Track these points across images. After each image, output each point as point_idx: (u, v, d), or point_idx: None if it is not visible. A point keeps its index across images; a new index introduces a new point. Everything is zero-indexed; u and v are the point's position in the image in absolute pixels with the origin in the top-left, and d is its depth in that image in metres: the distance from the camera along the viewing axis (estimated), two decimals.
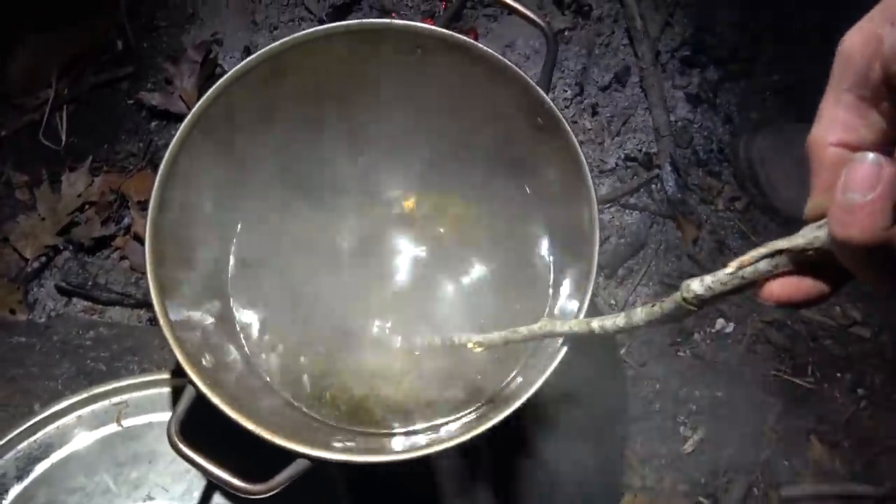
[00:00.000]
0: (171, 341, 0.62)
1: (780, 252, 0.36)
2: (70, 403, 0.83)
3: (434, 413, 0.77)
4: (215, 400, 0.59)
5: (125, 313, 1.02)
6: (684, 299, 0.43)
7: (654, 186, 1.05)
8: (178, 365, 0.62)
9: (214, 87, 0.71)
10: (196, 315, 0.71)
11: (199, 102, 0.70)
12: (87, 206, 1.07)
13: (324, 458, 0.60)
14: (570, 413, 0.88)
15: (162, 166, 0.68)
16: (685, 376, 1.00)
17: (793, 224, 1.05)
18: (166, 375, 0.86)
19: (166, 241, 0.68)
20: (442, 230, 0.83)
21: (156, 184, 0.68)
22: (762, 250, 0.37)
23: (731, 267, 0.39)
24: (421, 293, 0.83)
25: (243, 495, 0.59)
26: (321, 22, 1.10)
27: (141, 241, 1.05)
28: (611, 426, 0.98)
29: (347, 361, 0.79)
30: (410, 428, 0.78)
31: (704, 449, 0.98)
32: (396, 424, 0.77)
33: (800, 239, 0.35)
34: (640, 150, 1.05)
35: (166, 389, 0.86)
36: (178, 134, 0.69)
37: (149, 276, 0.65)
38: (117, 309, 1.02)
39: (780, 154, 0.99)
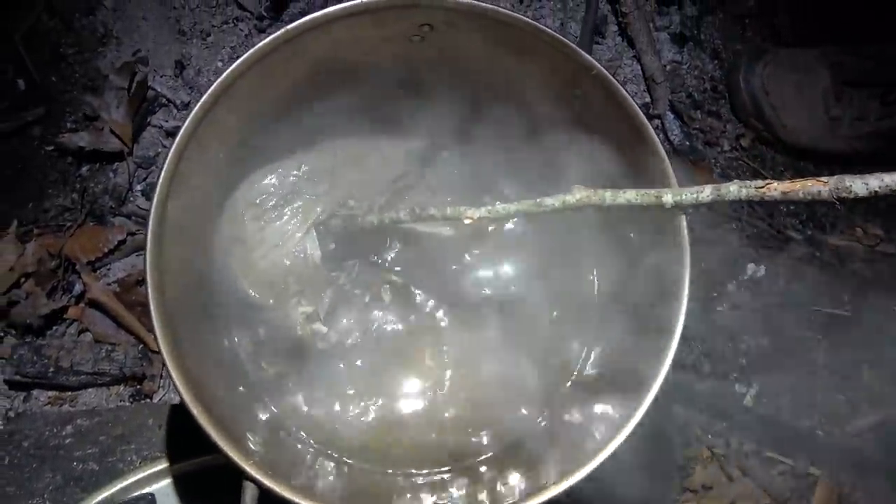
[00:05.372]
0: (210, 432, 0.50)
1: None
2: None
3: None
4: (298, 499, 0.47)
5: (101, 394, 0.87)
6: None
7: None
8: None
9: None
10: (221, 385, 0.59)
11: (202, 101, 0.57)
12: (23, 280, 0.90)
13: None
14: None
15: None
16: (728, 331, 0.95)
17: (800, 154, 1.02)
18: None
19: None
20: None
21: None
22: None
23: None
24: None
25: None
26: (259, 19, 0.96)
27: (100, 307, 0.90)
28: (667, 399, 0.92)
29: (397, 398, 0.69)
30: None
31: (762, 402, 0.93)
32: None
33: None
34: (636, 103, 0.97)
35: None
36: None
37: (161, 346, 0.52)
38: (91, 392, 0.87)
39: (781, 81, 0.94)
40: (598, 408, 0.63)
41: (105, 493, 0.70)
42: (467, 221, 0.62)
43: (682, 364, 0.94)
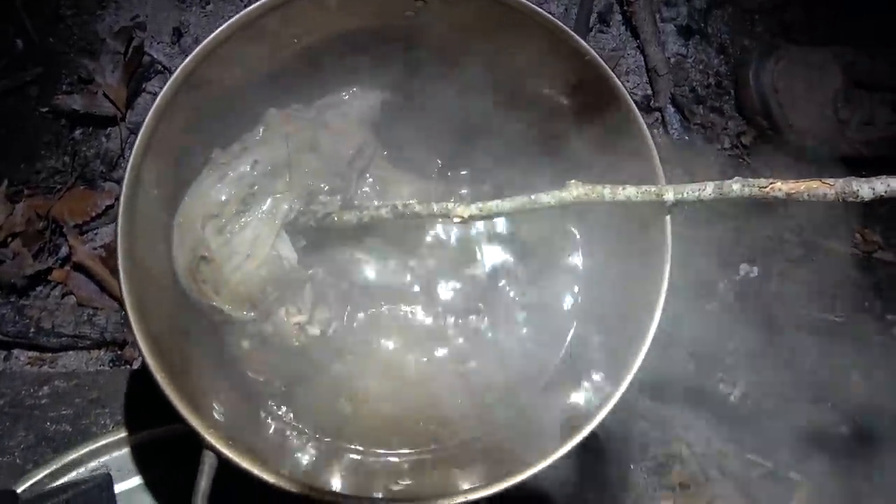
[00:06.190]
0: (171, 398, 0.50)
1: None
2: (36, 480, 0.69)
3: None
4: (257, 472, 0.47)
5: (81, 357, 0.87)
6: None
7: (654, 131, 0.96)
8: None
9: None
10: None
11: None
12: (10, 239, 0.90)
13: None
14: None
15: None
16: (717, 331, 0.94)
17: (803, 154, 0.99)
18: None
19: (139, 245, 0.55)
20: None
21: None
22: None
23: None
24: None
25: None
26: None
27: (85, 270, 0.89)
28: (651, 399, 0.91)
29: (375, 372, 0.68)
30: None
31: (746, 404, 0.92)
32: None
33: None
34: (637, 94, 0.96)
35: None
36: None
37: (127, 304, 0.52)
38: (71, 355, 0.87)
39: (792, 79, 0.92)
40: (571, 397, 0.62)
41: (74, 455, 0.70)
42: (457, 220, 0.59)
43: (666, 360, 0.92)
